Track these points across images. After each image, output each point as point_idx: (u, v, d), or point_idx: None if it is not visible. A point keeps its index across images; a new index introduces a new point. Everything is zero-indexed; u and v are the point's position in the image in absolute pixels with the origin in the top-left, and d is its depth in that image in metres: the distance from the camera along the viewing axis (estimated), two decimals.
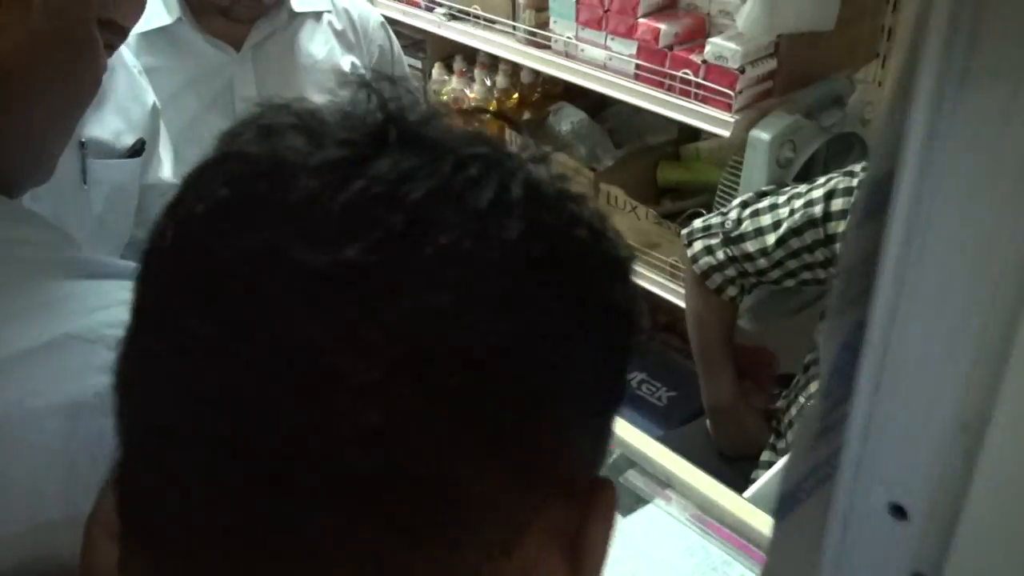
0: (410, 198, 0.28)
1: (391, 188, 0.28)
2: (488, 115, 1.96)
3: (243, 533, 0.28)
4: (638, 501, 1.07)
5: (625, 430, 1.14)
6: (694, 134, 1.85)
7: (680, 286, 1.70)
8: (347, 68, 1.27)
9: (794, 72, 1.47)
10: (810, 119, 1.45)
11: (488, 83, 1.99)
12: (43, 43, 0.49)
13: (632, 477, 1.10)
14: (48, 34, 0.49)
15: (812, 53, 1.49)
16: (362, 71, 1.30)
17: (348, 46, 1.27)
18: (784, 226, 1.33)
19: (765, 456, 1.48)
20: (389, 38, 1.34)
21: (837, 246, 1.28)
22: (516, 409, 0.29)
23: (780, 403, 1.56)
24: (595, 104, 1.99)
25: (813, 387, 1.38)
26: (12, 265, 0.47)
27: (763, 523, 1.02)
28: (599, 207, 0.35)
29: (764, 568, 0.36)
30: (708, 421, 1.54)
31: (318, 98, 1.12)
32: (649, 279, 1.74)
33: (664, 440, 1.19)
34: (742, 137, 1.44)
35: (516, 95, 2.02)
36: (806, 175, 1.50)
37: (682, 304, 1.71)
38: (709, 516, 1.05)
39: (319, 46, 1.21)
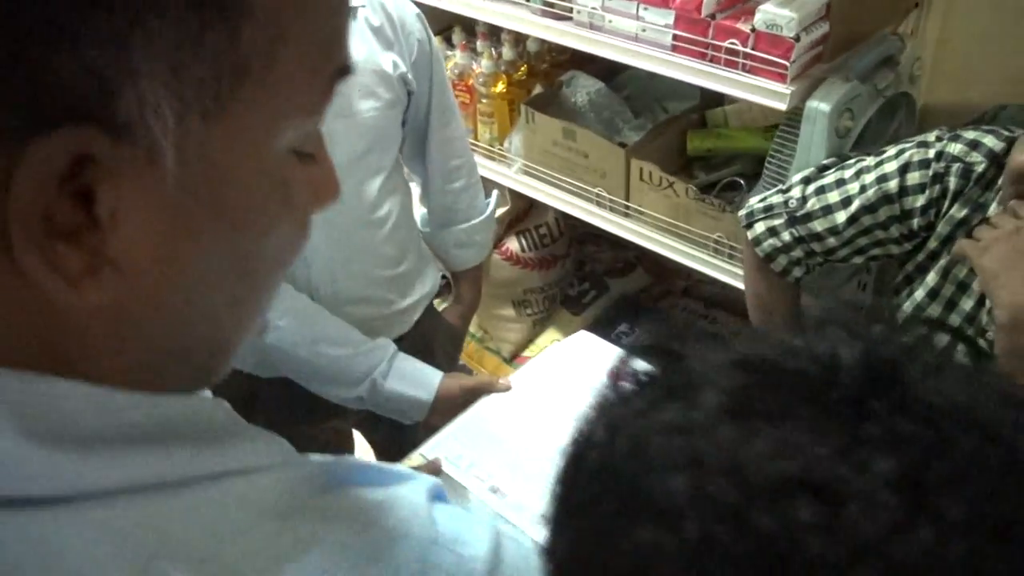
0: None
1: None
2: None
3: None
4: None
5: None
6: (717, 97, 1.77)
7: (723, 261, 1.63)
8: (388, 68, 1.16)
9: (842, 34, 1.39)
10: (865, 83, 1.38)
11: (495, 55, 1.87)
12: (192, 217, 0.35)
13: None
14: (193, 202, 0.35)
15: (860, 11, 1.41)
16: (403, 70, 1.19)
17: (387, 43, 1.16)
18: (856, 203, 1.26)
19: None
20: (426, 30, 1.23)
21: (914, 222, 1.22)
22: None
23: None
24: (606, 69, 1.89)
25: None
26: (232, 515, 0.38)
27: None
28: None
29: None
30: None
31: (363, 104, 1.01)
32: (691, 256, 1.67)
33: None
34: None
35: (524, 66, 1.91)
36: (859, 142, 1.43)
37: (726, 279, 1.65)
38: None
39: (358, 46, 1.10)
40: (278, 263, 0.42)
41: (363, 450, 1.67)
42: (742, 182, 1.67)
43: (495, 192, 1.61)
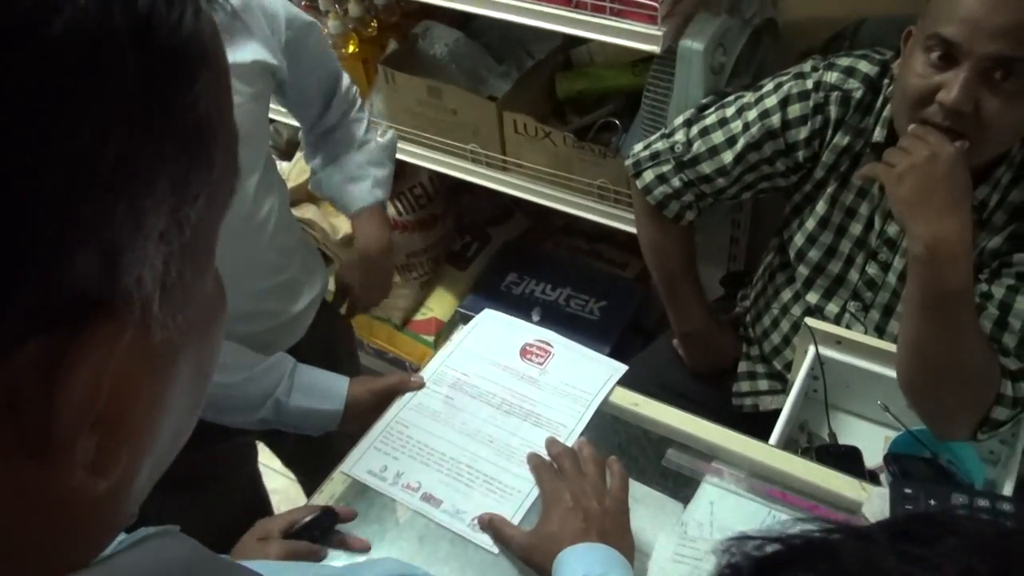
0: None
1: None
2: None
3: None
4: (689, 484, 1.01)
5: (653, 408, 1.07)
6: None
7: (608, 206, 1.61)
8: (246, 59, 1.04)
9: None
10: (733, 15, 1.35)
11: (340, 12, 1.75)
12: (170, 352, 0.33)
13: (674, 456, 1.04)
14: (172, 337, 0.32)
15: None
16: (264, 58, 1.07)
17: (245, 32, 1.04)
18: (740, 141, 1.25)
19: (743, 367, 1.46)
20: (289, 4, 1.12)
21: (799, 154, 1.22)
22: None
23: (738, 308, 1.54)
24: (461, 15, 1.80)
25: (785, 294, 1.36)
26: None
27: (823, 478, 0.99)
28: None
29: None
30: (679, 346, 1.49)
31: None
32: (575, 204, 1.64)
33: (633, 370, 1.13)
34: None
35: (374, 21, 1.80)
36: (732, 75, 1.41)
37: (614, 224, 1.63)
38: (767, 482, 1.01)
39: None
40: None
41: (266, 457, 1.59)
42: (617, 122, 1.64)
43: (390, 131, 1.49)
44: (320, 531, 0.95)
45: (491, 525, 0.94)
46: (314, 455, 1.31)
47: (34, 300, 0.26)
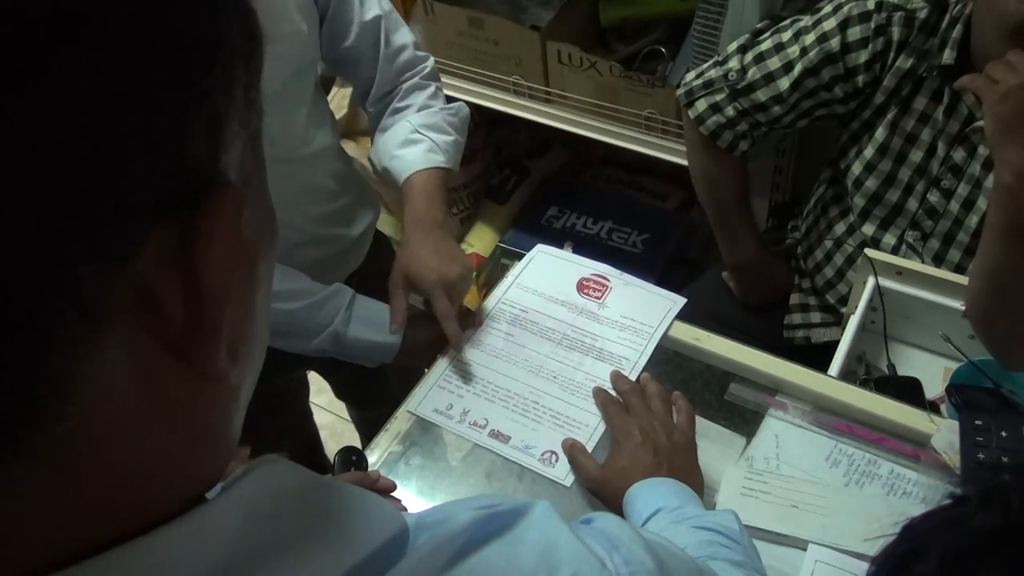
0: None
1: None
2: None
3: None
4: (754, 418, 1.01)
5: (715, 343, 1.06)
6: None
7: (656, 137, 1.58)
8: None
9: None
10: None
11: None
12: (253, 254, 0.32)
13: (737, 391, 1.04)
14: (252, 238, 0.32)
15: None
16: None
17: None
18: (798, 67, 1.21)
19: (795, 299, 1.44)
20: None
21: (859, 79, 1.19)
22: None
23: (789, 240, 1.52)
24: None
25: (839, 227, 1.33)
26: None
27: (889, 410, 0.98)
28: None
29: None
30: (730, 279, 1.48)
31: (277, 31, 0.86)
32: (622, 136, 1.61)
33: (686, 304, 1.12)
34: None
35: None
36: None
37: (657, 154, 1.60)
38: (832, 415, 1.00)
39: None
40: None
41: (320, 388, 1.61)
42: (663, 50, 1.60)
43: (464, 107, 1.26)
44: (356, 465, 0.97)
45: (572, 449, 0.94)
46: (367, 387, 1.33)
47: (161, 179, 0.26)
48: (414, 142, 1.15)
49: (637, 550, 0.44)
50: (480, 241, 2.07)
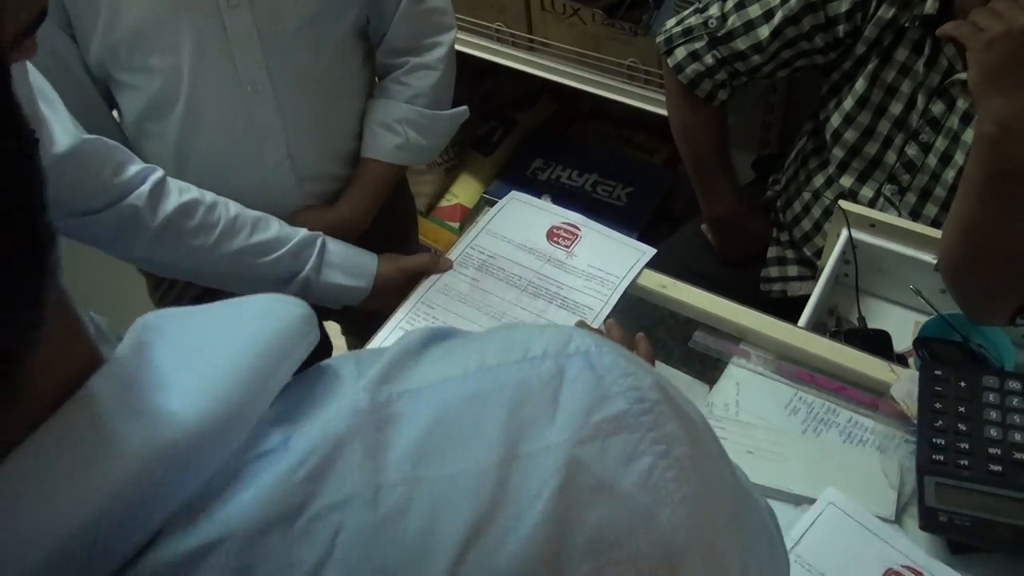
0: None
1: None
2: None
3: None
4: (716, 366, 1.01)
5: (680, 291, 1.06)
6: None
7: (638, 87, 1.56)
8: None
9: None
10: None
11: None
12: None
13: (701, 338, 1.04)
14: None
15: None
16: None
17: None
18: (778, 15, 1.19)
19: (772, 252, 1.44)
20: None
21: (840, 28, 1.17)
22: None
23: (769, 193, 1.51)
24: None
25: (817, 179, 1.32)
26: None
27: (851, 360, 0.98)
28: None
29: None
30: (708, 231, 1.47)
31: None
32: (603, 85, 1.59)
33: (661, 255, 1.13)
34: None
35: None
36: None
37: (642, 105, 1.58)
38: (794, 364, 1.00)
39: None
40: None
41: None
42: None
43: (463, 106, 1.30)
44: None
45: None
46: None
47: None
48: (391, 130, 1.20)
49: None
50: (464, 192, 2.06)
